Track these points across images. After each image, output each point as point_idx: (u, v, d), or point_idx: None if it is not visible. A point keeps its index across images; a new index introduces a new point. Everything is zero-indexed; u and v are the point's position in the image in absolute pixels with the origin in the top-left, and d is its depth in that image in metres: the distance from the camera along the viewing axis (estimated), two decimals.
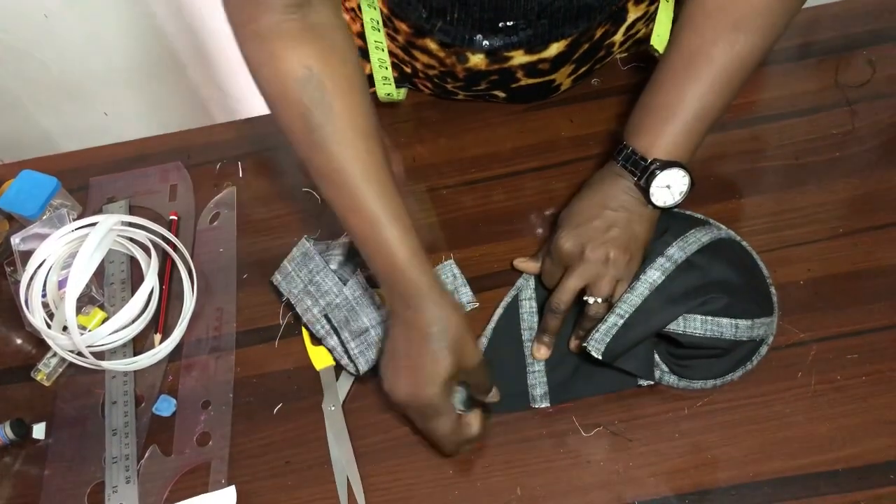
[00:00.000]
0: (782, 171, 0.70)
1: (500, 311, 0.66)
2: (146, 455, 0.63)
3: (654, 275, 0.59)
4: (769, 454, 0.57)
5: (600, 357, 0.57)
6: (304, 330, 0.67)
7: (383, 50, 0.72)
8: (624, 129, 0.63)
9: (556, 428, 0.60)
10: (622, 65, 0.79)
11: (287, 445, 0.63)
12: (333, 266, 0.67)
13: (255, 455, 0.62)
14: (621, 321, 0.58)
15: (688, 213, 0.68)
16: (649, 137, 0.60)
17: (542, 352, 0.62)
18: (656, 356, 0.60)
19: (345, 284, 0.66)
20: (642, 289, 0.58)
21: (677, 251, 0.60)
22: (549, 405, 0.61)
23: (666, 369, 0.60)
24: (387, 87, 0.75)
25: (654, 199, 0.60)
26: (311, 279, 0.67)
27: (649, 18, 0.74)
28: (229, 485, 0.61)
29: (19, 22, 1.34)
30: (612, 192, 0.62)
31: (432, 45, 0.70)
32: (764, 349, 0.61)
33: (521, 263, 0.67)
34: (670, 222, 0.64)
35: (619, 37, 0.73)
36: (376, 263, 0.56)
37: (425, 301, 0.54)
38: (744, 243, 0.65)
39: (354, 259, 0.68)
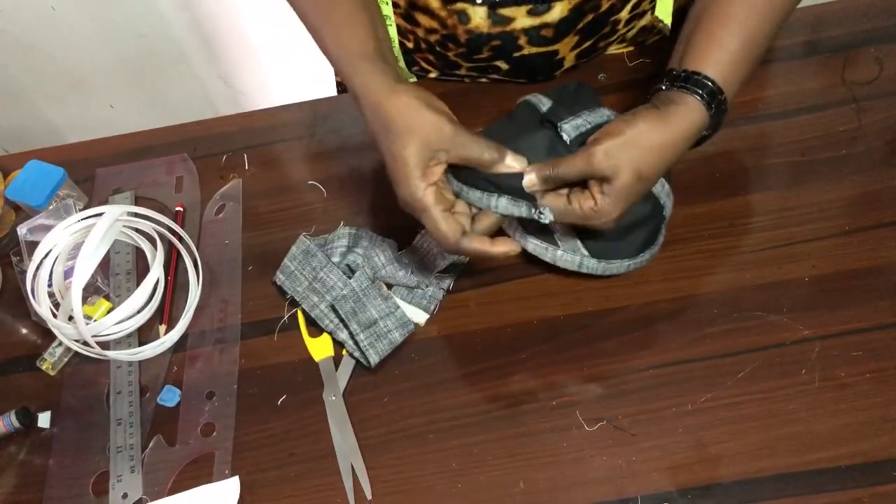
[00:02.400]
0: (789, 168, 0.70)
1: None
2: (150, 445, 0.63)
3: None
4: (772, 450, 0.57)
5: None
6: (301, 322, 0.67)
7: (387, 3, 0.72)
8: (684, 58, 0.58)
9: (559, 422, 0.60)
10: (629, 60, 0.79)
11: (291, 437, 0.63)
12: (336, 259, 0.67)
13: (258, 446, 0.63)
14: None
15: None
16: (722, 69, 0.56)
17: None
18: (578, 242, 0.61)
19: (350, 277, 0.66)
20: None
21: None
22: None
23: (586, 253, 0.61)
24: (390, 31, 0.75)
25: (710, 139, 0.58)
26: (316, 276, 0.67)
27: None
28: (233, 475, 0.61)
29: (26, 14, 1.34)
30: (685, 141, 0.56)
31: (433, 3, 0.69)
32: (663, 232, 0.63)
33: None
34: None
35: (624, 14, 0.72)
36: (331, 55, 0.57)
37: (369, 88, 0.53)
38: None
39: (355, 249, 0.68)
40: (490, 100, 0.79)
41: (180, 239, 0.72)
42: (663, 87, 0.58)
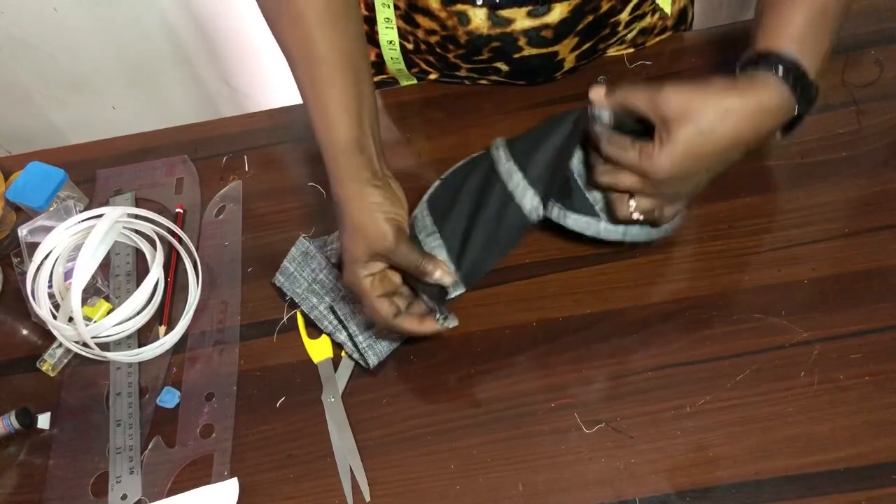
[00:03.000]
0: (788, 171, 0.70)
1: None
2: (150, 446, 0.64)
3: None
4: (771, 453, 0.57)
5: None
6: (300, 323, 0.67)
7: (389, 7, 0.73)
8: (761, 39, 0.56)
9: (558, 424, 0.60)
10: (628, 63, 0.79)
11: (289, 438, 0.63)
12: (335, 260, 0.67)
13: (257, 447, 0.63)
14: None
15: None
16: (800, 44, 0.54)
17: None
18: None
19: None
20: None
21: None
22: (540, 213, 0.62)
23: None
24: (392, 52, 0.76)
25: (797, 128, 0.56)
26: (315, 278, 0.67)
27: (654, 1, 0.74)
28: (232, 477, 0.61)
29: (28, 16, 1.35)
30: (755, 128, 0.53)
31: (433, 4, 0.69)
32: None
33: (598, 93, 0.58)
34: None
35: (624, 15, 0.72)
36: (318, 139, 0.58)
37: (340, 182, 0.57)
38: None
39: None
40: (490, 102, 0.79)
41: (180, 240, 0.72)
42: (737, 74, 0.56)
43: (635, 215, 0.59)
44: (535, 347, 0.64)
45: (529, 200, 0.62)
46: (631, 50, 0.80)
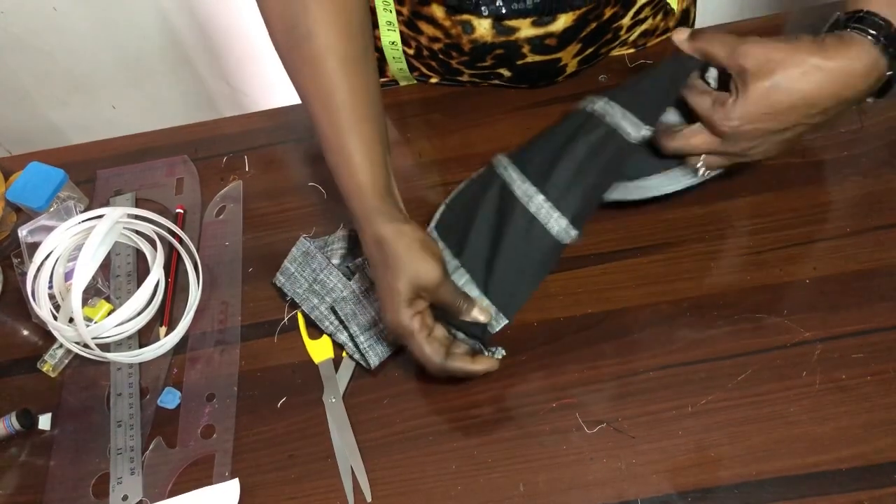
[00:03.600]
0: (789, 170, 0.70)
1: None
2: (151, 447, 0.63)
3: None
4: (773, 453, 0.57)
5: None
6: (301, 324, 0.67)
7: (391, 11, 0.72)
8: (847, 2, 0.53)
9: (559, 424, 0.60)
10: (629, 62, 0.79)
11: (291, 439, 0.63)
12: (336, 261, 0.67)
13: (258, 448, 0.63)
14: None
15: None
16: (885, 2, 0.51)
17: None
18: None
19: (350, 278, 0.66)
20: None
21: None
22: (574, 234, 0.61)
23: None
24: (394, 52, 0.76)
25: (890, 92, 0.52)
26: (316, 278, 0.67)
27: (656, 6, 0.74)
28: (233, 477, 0.61)
29: (28, 15, 1.34)
30: (841, 87, 0.51)
31: (438, 13, 0.69)
32: None
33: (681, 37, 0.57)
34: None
35: (626, 20, 0.72)
36: (342, 185, 0.58)
37: (376, 224, 0.56)
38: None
39: (356, 250, 0.68)
40: (490, 101, 0.79)
41: (180, 241, 0.72)
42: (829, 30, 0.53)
43: (703, 172, 0.57)
44: (536, 347, 0.64)
45: (556, 222, 0.61)
46: (632, 50, 0.80)
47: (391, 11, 0.73)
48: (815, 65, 0.50)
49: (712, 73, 0.59)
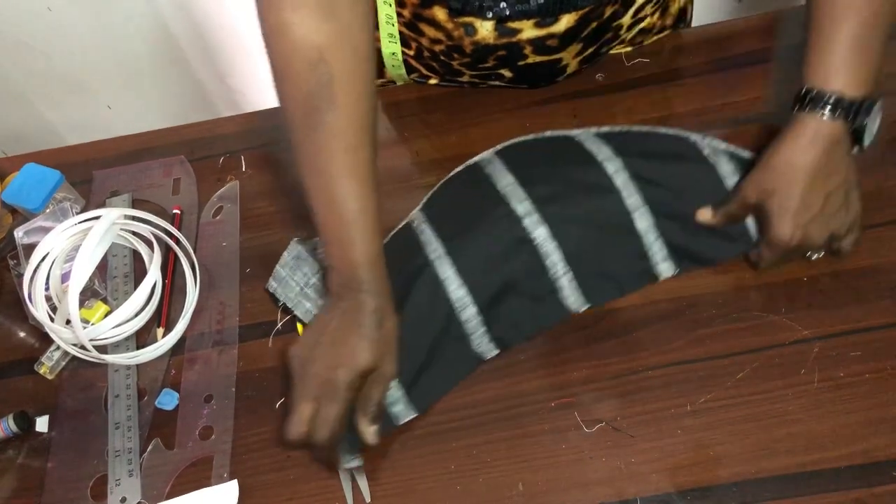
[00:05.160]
0: None
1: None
2: (149, 448, 0.63)
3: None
4: (771, 451, 0.57)
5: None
6: (298, 324, 0.67)
7: (391, 5, 0.72)
8: (808, 76, 0.59)
9: (558, 424, 0.60)
10: (626, 60, 0.79)
11: None
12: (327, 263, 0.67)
13: (257, 449, 0.63)
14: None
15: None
16: (844, 76, 0.57)
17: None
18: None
19: None
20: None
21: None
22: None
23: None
24: (392, 46, 0.75)
25: (868, 141, 0.58)
26: (307, 282, 0.66)
27: (657, 4, 0.74)
28: (232, 478, 0.61)
29: (23, 15, 1.34)
30: (827, 160, 0.58)
31: (440, 15, 0.69)
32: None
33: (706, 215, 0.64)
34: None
35: (626, 19, 0.73)
36: (333, 253, 0.58)
37: (372, 301, 0.57)
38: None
39: None
40: (489, 100, 0.78)
41: (177, 241, 0.72)
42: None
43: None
44: (535, 347, 0.64)
45: (481, 338, 0.63)
46: (630, 49, 0.80)
47: (393, 24, 0.73)
48: (791, 161, 0.58)
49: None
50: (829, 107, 0.57)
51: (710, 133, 0.70)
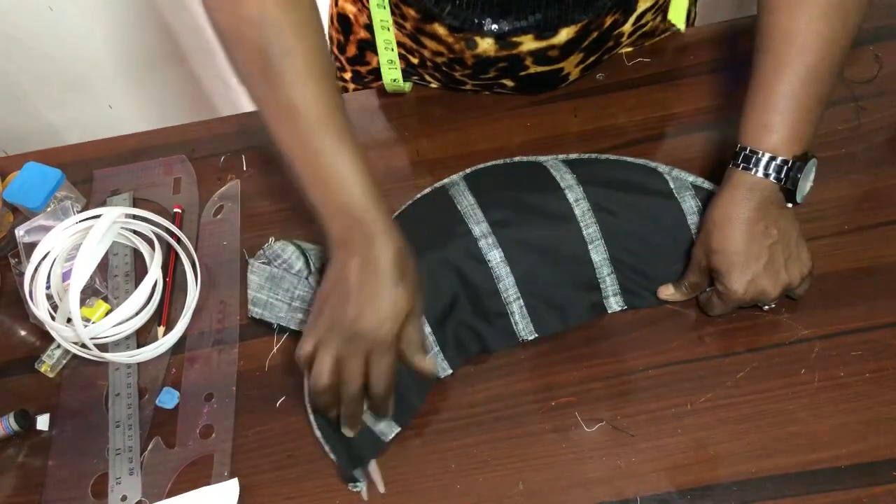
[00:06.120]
0: None
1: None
2: (149, 447, 0.63)
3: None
4: (771, 450, 0.57)
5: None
6: None
7: (389, 29, 0.72)
8: (743, 134, 0.60)
9: (558, 423, 0.60)
10: (627, 60, 0.79)
11: (290, 438, 0.63)
12: (297, 268, 0.66)
13: (257, 447, 0.63)
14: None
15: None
16: (778, 135, 0.58)
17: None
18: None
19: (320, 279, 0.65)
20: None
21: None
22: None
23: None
24: (392, 73, 0.75)
25: (800, 199, 0.60)
26: (293, 295, 0.66)
27: (659, 9, 0.74)
28: (232, 477, 0.61)
29: (24, 15, 1.34)
30: (764, 213, 0.59)
31: (441, 31, 0.69)
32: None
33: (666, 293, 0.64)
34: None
35: (628, 27, 0.73)
36: (326, 202, 0.56)
37: (384, 243, 0.55)
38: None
39: (312, 252, 0.67)
40: (488, 100, 0.78)
41: (178, 240, 0.72)
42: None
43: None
44: (536, 346, 0.64)
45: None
46: (630, 49, 0.80)
47: (393, 49, 0.73)
48: (727, 218, 0.59)
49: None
50: (762, 164, 0.58)
51: (708, 131, 0.70)
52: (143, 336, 0.70)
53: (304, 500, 0.60)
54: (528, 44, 0.69)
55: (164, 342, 0.68)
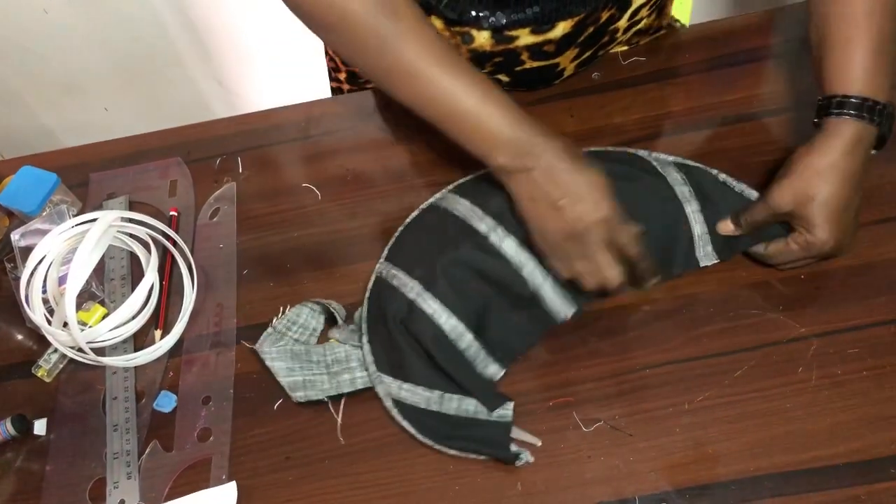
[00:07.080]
0: None
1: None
2: (147, 451, 0.63)
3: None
4: (769, 449, 0.57)
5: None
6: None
7: None
8: (829, 83, 0.59)
9: (556, 423, 0.60)
10: (623, 59, 0.79)
11: (287, 441, 0.63)
12: (312, 326, 0.66)
13: (255, 450, 0.63)
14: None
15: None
16: (868, 82, 0.58)
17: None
18: None
19: (357, 345, 0.64)
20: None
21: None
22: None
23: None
24: None
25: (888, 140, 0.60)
26: (329, 361, 0.64)
27: (653, 6, 0.74)
28: (230, 480, 0.61)
29: (19, 17, 1.34)
30: (865, 164, 0.59)
31: (437, 24, 0.69)
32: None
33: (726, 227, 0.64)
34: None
35: (623, 22, 0.73)
36: (481, 138, 0.58)
37: (550, 144, 0.57)
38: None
39: (333, 304, 0.67)
40: None
41: (174, 243, 0.72)
42: (816, 121, 0.60)
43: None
44: (533, 346, 0.64)
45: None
46: (626, 48, 0.80)
47: None
48: (824, 166, 0.58)
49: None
50: (863, 109, 0.58)
51: (704, 129, 0.70)
52: (139, 339, 0.70)
53: (303, 503, 0.60)
54: (525, 38, 0.69)
55: (161, 345, 0.68)
